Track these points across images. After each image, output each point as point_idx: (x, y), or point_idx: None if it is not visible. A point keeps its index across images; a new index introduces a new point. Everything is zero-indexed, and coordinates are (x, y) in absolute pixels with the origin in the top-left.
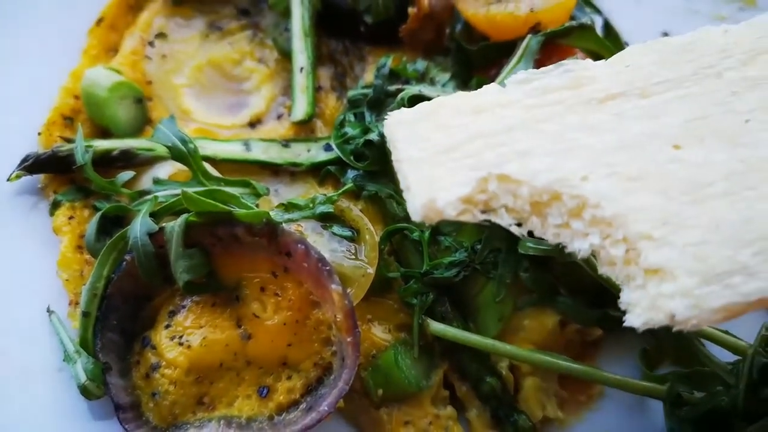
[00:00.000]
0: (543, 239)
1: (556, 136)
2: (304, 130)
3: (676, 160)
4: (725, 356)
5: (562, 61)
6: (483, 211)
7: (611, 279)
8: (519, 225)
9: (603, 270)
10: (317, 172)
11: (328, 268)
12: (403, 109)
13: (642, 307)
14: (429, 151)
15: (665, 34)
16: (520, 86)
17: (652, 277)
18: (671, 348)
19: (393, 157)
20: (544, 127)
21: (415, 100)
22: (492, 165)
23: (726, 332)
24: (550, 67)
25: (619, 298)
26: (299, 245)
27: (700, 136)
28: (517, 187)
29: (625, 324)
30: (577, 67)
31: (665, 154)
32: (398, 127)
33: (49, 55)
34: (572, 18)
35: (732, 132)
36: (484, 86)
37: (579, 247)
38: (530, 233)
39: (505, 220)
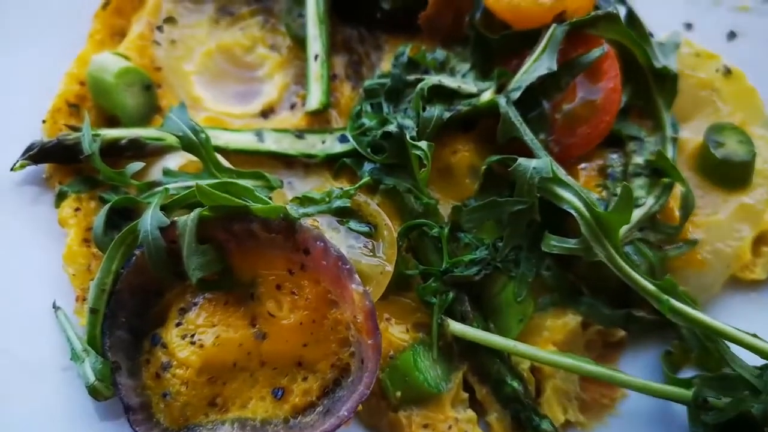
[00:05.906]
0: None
1: None
2: (319, 120)
3: None
4: (752, 360)
5: None
6: None
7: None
8: None
9: None
10: (332, 164)
11: (348, 266)
12: None
13: None
14: None
15: (688, 25)
16: None
17: None
18: (695, 350)
19: None
20: None
21: (435, 91)
22: None
23: (754, 335)
24: None
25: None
26: (318, 242)
27: None
28: None
29: None
30: None
31: None
32: None
33: (54, 39)
34: (597, 7)
35: None
36: None
37: None
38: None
39: None
